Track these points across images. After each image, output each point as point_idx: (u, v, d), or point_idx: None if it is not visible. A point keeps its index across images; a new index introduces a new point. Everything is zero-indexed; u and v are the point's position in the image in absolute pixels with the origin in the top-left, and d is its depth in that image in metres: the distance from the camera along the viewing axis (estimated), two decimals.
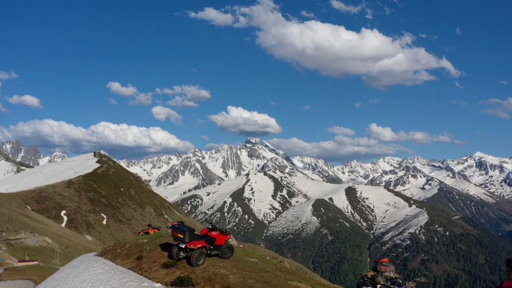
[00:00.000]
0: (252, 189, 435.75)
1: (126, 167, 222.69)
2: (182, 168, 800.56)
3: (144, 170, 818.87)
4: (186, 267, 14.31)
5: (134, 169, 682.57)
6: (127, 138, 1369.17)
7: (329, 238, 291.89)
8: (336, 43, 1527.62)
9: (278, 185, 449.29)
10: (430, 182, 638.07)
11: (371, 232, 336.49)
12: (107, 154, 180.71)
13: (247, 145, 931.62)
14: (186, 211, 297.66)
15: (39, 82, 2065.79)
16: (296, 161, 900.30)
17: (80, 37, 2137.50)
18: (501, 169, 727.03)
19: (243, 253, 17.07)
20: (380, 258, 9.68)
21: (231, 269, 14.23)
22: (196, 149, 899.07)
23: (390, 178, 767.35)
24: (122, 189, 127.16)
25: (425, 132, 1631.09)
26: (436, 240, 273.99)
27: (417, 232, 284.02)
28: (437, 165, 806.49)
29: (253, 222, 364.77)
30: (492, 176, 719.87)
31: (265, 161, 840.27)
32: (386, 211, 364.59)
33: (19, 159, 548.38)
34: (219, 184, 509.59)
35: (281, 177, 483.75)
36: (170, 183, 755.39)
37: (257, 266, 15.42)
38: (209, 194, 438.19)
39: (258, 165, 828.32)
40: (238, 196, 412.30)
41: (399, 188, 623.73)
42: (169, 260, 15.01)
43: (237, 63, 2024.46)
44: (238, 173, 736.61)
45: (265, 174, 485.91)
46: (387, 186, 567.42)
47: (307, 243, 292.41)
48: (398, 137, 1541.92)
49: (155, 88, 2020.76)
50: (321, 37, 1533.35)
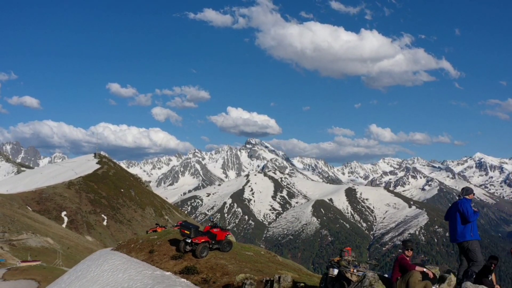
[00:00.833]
0: (252, 190, 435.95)
1: (126, 168, 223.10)
2: (182, 169, 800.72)
3: (144, 171, 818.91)
4: (192, 258, 17.16)
5: (134, 170, 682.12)
6: (126, 139, 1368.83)
7: (329, 239, 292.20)
8: (335, 44, 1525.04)
9: (278, 186, 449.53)
10: (430, 182, 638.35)
11: (371, 233, 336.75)
12: (107, 155, 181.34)
13: (247, 146, 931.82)
14: (186, 212, 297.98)
15: (38, 83, 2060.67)
16: (296, 162, 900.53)
17: (80, 38, 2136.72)
18: (501, 169, 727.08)
19: (241, 247, 19.86)
20: (346, 247, 11.77)
21: (230, 260, 16.89)
22: (196, 150, 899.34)
23: (390, 179, 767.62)
24: (122, 190, 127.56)
25: (424, 133, 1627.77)
26: (436, 240, 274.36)
27: (417, 233, 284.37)
28: (437, 165, 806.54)
29: (253, 223, 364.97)
30: (492, 177, 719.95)
31: (265, 162, 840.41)
32: (386, 212, 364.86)
33: (19, 160, 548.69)
34: (219, 185, 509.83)
35: (281, 178, 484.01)
36: (170, 184, 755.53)
37: (252, 258, 17.97)
38: (209, 195, 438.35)
39: (258, 166, 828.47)
40: (238, 197, 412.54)
41: (399, 189, 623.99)
42: (177, 253, 17.93)
43: (236, 64, 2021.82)
44: (238, 174, 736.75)
45: (265, 175, 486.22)
46: (387, 187, 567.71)
47: (307, 244, 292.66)
48: (398, 138, 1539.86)
49: (154, 89, 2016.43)
50: (320, 38, 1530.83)
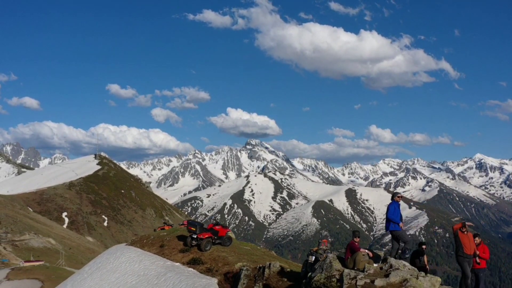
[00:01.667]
0: (252, 191, 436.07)
1: (126, 169, 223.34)
2: (182, 170, 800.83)
3: (144, 172, 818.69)
4: (197, 251, 19.91)
5: (134, 171, 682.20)
6: (126, 139, 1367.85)
7: (329, 239, 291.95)
8: (335, 45, 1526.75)
9: (278, 187, 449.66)
10: (430, 183, 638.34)
11: (371, 233, 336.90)
12: (107, 156, 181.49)
13: (247, 147, 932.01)
14: (187, 212, 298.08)
15: (38, 84, 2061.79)
16: (296, 162, 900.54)
17: (79, 39, 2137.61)
18: (501, 170, 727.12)
19: (239, 243, 22.84)
20: (323, 239, 14.07)
21: (230, 253, 19.64)
22: (196, 151, 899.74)
23: (390, 180, 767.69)
24: (123, 191, 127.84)
25: (424, 134, 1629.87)
26: (436, 241, 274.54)
27: (417, 233, 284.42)
28: (437, 166, 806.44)
29: (253, 224, 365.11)
30: (492, 178, 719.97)
31: (265, 163, 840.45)
32: None
33: (19, 161, 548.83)
34: (219, 186, 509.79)
35: (281, 178, 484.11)
36: (170, 185, 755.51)
37: (249, 251, 20.98)
38: (209, 196, 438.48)
39: (258, 166, 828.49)
40: (238, 198, 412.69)
41: (399, 190, 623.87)
42: (184, 247, 20.64)
43: (236, 64, 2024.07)
44: (238, 175, 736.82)
45: (265, 176, 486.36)
46: (387, 188, 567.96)
47: (307, 244, 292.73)
48: (397, 139, 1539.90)
49: (154, 90, 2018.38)
50: (320, 39, 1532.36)
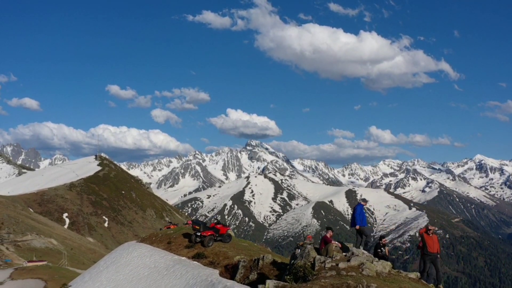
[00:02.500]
0: (252, 191, 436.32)
1: (126, 170, 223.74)
2: (182, 171, 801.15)
3: (145, 172, 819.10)
4: (201, 247, 22.10)
5: (135, 171, 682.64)
6: (126, 140, 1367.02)
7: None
8: (334, 46, 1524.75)
9: (278, 188, 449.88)
10: (430, 184, 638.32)
11: (371, 234, 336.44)
12: (107, 157, 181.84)
13: (247, 147, 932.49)
14: (187, 213, 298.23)
15: (38, 85, 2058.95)
16: (296, 163, 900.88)
17: (79, 40, 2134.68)
18: (501, 171, 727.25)
19: (238, 240, 25.38)
20: (308, 235, 16.07)
21: (230, 248, 21.98)
22: (197, 152, 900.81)
23: (391, 181, 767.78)
24: (123, 192, 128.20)
25: (424, 135, 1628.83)
26: None
27: (417, 234, 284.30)
28: (437, 167, 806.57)
29: (253, 225, 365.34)
30: (492, 179, 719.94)
31: (266, 163, 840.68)
32: (386, 213, 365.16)
33: (19, 162, 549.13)
34: (220, 186, 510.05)
35: (281, 179, 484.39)
36: (171, 186, 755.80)
37: (247, 247, 23.33)
38: (209, 196, 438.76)
39: (259, 167, 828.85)
40: (238, 198, 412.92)
41: (399, 191, 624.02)
42: (189, 243, 22.86)
43: (236, 65, 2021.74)
44: (239, 176, 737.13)
45: (265, 176, 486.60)
46: (387, 189, 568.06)
47: None
48: (398, 140, 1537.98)
49: (154, 90, 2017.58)
50: (319, 40, 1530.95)
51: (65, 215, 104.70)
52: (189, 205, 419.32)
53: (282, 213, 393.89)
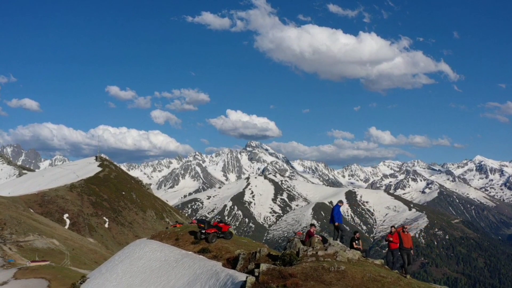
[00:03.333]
0: (252, 192, 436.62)
1: (126, 171, 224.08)
2: (182, 172, 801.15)
3: (145, 173, 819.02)
4: (205, 243, 24.32)
5: (135, 172, 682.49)
6: (126, 141, 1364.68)
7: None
8: (334, 47, 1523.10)
9: (278, 189, 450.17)
10: (430, 185, 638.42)
11: (371, 235, 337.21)
12: (108, 158, 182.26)
13: (247, 148, 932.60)
14: (187, 214, 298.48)
15: (38, 86, 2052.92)
16: (296, 164, 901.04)
17: (79, 41, 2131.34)
18: (501, 172, 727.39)
19: (238, 237, 27.94)
20: (298, 232, 19.08)
21: (231, 244, 24.22)
22: (197, 153, 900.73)
23: (390, 182, 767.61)
24: (123, 192, 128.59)
25: (424, 136, 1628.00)
26: (436, 243, 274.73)
27: (417, 235, 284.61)
28: (437, 168, 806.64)
29: (253, 226, 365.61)
30: (492, 180, 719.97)
31: (265, 164, 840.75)
32: (386, 214, 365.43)
33: (19, 163, 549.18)
34: (220, 187, 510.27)
35: (281, 180, 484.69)
36: (171, 187, 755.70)
37: (246, 243, 25.68)
38: (209, 197, 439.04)
39: (259, 168, 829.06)
40: (238, 199, 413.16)
41: (399, 192, 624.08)
42: (195, 240, 25.26)
43: (235, 66, 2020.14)
44: (239, 177, 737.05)
45: (265, 177, 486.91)
46: (387, 190, 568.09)
47: None
48: (397, 141, 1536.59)
49: (153, 91, 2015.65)
50: (319, 41, 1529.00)
51: (66, 215, 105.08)
52: (189, 206, 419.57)
53: (282, 214, 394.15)
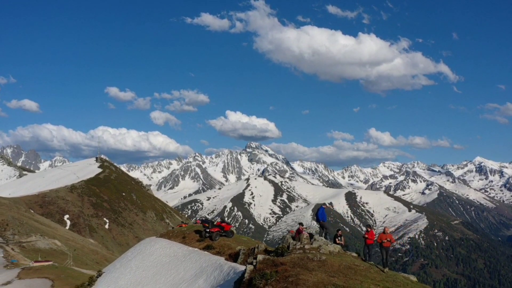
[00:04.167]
0: (252, 193, 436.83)
1: (126, 172, 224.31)
2: (182, 173, 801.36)
3: (145, 174, 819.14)
4: (209, 241, 26.67)
5: (135, 173, 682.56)
6: (126, 142, 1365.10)
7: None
8: (333, 48, 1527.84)
9: (278, 190, 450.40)
10: (430, 186, 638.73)
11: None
12: (108, 159, 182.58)
13: (247, 149, 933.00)
14: (187, 215, 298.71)
15: (37, 87, 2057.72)
16: (296, 165, 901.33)
17: (79, 42, 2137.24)
18: (501, 174, 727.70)
19: (239, 236, 30.49)
20: (291, 230, 21.47)
21: (233, 242, 26.79)
22: (197, 154, 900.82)
23: (390, 183, 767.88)
24: (124, 193, 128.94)
25: (424, 137, 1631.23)
26: (435, 244, 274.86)
27: (416, 236, 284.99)
28: (437, 170, 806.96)
29: (253, 227, 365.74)
30: (492, 181, 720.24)
31: (265, 165, 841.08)
32: (386, 215, 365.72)
33: (19, 164, 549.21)
34: (220, 188, 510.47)
35: (281, 181, 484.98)
36: (171, 188, 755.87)
37: (246, 241, 28.20)
38: (209, 198, 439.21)
39: (258, 169, 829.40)
40: (238, 200, 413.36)
41: (399, 193, 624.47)
42: (200, 238, 27.70)
43: (235, 67, 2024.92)
44: (238, 178, 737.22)
45: (265, 178, 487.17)
46: (387, 191, 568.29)
47: None
48: (397, 142, 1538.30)
49: (153, 92, 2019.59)
50: (318, 42, 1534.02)
51: (66, 216, 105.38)
52: (189, 207, 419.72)
53: (281, 215, 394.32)
